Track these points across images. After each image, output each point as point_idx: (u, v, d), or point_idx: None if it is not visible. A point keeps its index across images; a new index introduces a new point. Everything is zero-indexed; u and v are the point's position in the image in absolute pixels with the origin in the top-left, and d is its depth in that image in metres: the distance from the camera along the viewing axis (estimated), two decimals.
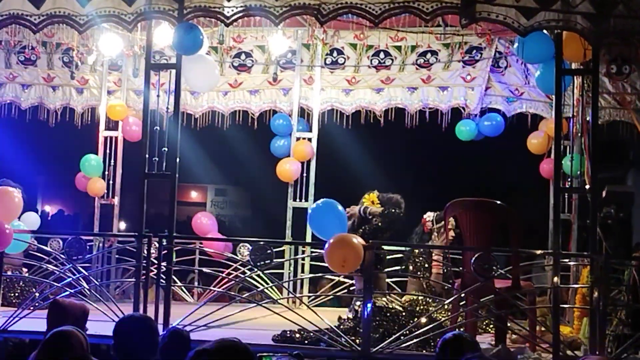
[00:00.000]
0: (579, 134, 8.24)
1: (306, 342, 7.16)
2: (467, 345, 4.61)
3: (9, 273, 9.28)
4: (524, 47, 7.37)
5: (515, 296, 7.37)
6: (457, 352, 4.48)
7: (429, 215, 9.13)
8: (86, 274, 8.00)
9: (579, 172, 7.68)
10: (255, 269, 7.52)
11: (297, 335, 7.25)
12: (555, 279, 6.86)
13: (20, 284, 9.49)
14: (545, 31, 7.18)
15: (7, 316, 7.49)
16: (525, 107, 10.66)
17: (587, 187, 7.22)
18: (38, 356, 4.44)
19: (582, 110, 7.91)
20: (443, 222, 8.89)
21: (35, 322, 7.25)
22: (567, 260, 8.54)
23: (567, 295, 8.70)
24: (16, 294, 9.35)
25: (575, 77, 7.89)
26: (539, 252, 8.29)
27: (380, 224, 7.90)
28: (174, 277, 7.58)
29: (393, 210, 7.95)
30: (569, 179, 7.87)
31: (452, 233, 8.78)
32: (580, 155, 7.92)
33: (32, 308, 7.55)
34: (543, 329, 7.37)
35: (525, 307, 7.52)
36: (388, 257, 8.77)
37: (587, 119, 7.76)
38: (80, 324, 5.34)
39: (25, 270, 9.70)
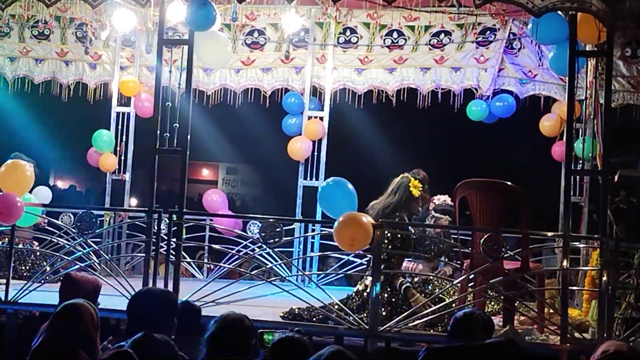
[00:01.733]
0: (592, 117, 8.20)
1: (314, 319, 7.19)
2: (477, 323, 4.62)
3: (20, 246, 9.34)
4: (538, 28, 7.33)
5: (524, 278, 7.36)
6: (467, 330, 4.50)
7: (439, 198, 9.12)
8: (96, 248, 8.05)
9: (590, 155, 7.65)
10: (265, 247, 7.54)
11: (306, 313, 7.28)
12: (565, 261, 6.86)
13: (31, 257, 9.56)
14: (559, 12, 7.14)
15: (18, 289, 7.54)
16: (538, 89, 10.61)
17: (599, 169, 7.20)
18: (49, 328, 4.47)
19: (596, 92, 7.87)
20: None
21: (45, 295, 7.32)
22: (577, 243, 8.53)
23: (576, 278, 8.69)
24: (27, 267, 9.42)
25: (589, 59, 7.83)
26: (549, 234, 8.28)
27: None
28: (183, 253, 7.61)
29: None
30: (581, 162, 7.84)
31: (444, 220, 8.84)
32: (593, 138, 7.87)
33: (42, 281, 7.61)
34: (551, 311, 7.37)
35: (534, 289, 7.52)
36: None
37: (600, 101, 7.73)
38: (92, 298, 5.38)
39: (36, 243, 9.76)
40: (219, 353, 4.33)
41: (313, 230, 10.34)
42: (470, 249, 7.53)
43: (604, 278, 6.66)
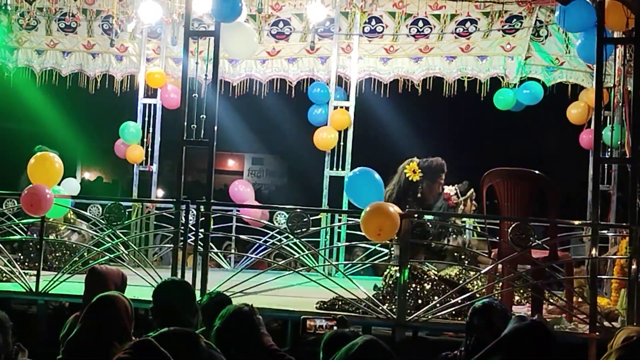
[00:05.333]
0: (620, 104, 8.14)
1: (350, 309, 7.15)
2: (497, 313, 4.61)
3: (51, 237, 9.43)
4: (565, 15, 7.28)
5: (552, 267, 7.33)
6: (487, 320, 4.49)
7: (451, 189, 9.08)
8: (125, 239, 8.10)
9: (619, 143, 7.59)
10: (292, 237, 7.55)
11: (339, 302, 7.27)
12: (593, 250, 6.83)
13: (61, 248, 9.64)
14: None
15: (48, 280, 7.62)
16: (565, 76, 10.53)
17: (627, 157, 7.15)
18: (83, 319, 4.49)
19: (624, 80, 7.81)
20: (468, 194, 8.88)
21: (75, 286, 7.38)
22: (605, 231, 8.48)
23: (605, 267, 8.64)
24: (57, 258, 9.50)
25: (617, 47, 7.77)
26: (577, 222, 8.23)
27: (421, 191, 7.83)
28: (211, 243, 7.64)
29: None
30: (609, 150, 7.80)
31: (475, 203, 8.78)
32: (621, 126, 7.82)
33: (72, 272, 7.67)
34: (580, 300, 7.34)
35: (563, 278, 7.48)
36: None
37: (629, 89, 7.66)
38: (122, 289, 5.41)
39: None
40: (225, 345, 4.39)
41: (340, 221, 10.35)
42: (498, 238, 7.51)
43: (633, 266, 6.62)
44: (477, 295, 7.14)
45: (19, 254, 9.38)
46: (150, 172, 11.31)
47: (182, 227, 7.39)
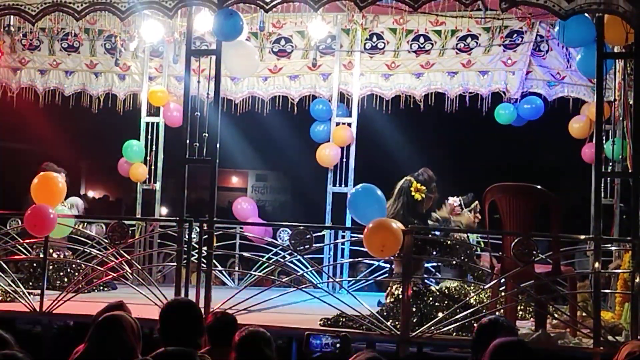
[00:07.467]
0: (621, 118, 8.14)
1: (353, 326, 7.14)
2: (503, 330, 4.61)
3: (54, 256, 9.44)
4: (565, 30, 7.29)
5: (555, 281, 7.33)
6: (493, 337, 4.48)
7: (455, 200, 9.11)
8: (129, 257, 8.11)
9: (621, 157, 7.59)
10: (295, 254, 7.56)
11: (342, 319, 7.27)
12: (597, 264, 6.82)
13: (65, 267, 9.64)
14: (586, 14, 7.11)
15: (52, 299, 7.62)
16: (566, 91, 10.56)
17: (629, 171, 7.15)
18: (89, 339, 4.50)
19: (625, 94, 7.82)
20: (472, 206, 8.91)
21: (79, 305, 7.39)
22: (609, 245, 8.47)
23: (609, 281, 8.62)
24: (60, 277, 9.50)
25: (617, 61, 7.79)
26: (580, 237, 8.23)
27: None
28: (214, 261, 7.64)
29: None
30: (611, 164, 7.79)
31: (478, 215, 8.80)
32: (623, 140, 7.83)
33: (76, 292, 7.68)
34: (584, 314, 7.33)
35: (566, 292, 7.48)
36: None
37: (630, 102, 7.68)
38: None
39: (69, 252, 9.86)
40: None
41: (343, 237, 10.35)
42: (501, 253, 7.51)
43: (637, 280, 6.61)
44: (483, 311, 7.13)
45: (22, 274, 9.40)
46: (153, 190, 11.33)
47: (186, 245, 7.40)
